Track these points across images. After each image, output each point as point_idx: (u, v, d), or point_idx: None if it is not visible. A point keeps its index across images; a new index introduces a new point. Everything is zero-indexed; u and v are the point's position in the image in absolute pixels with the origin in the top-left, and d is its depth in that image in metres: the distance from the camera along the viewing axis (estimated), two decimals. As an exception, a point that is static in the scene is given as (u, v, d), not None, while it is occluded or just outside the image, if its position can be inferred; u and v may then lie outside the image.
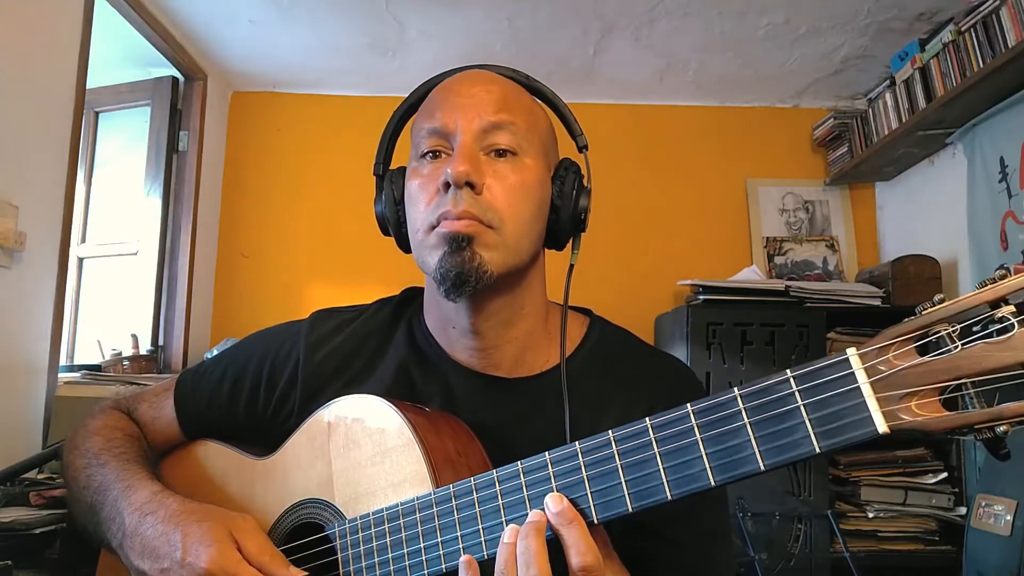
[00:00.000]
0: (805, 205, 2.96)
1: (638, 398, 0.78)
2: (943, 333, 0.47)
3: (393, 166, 0.85)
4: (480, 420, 0.76)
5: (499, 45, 2.56)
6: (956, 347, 0.46)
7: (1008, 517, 1.94)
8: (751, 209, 2.95)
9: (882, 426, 0.47)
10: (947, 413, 0.47)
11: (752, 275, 2.56)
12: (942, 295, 0.48)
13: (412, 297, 0.88)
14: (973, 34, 2.09)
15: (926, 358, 0.47)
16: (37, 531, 1.35)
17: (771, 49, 2.55)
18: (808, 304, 2.40)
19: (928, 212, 2.63)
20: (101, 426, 0.86)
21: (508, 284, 0.76)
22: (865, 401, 0.48)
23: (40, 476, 1.64)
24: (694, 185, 2.96)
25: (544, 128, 0.80)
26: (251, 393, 0.85)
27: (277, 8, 2.34)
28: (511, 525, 0.60)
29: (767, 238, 2.92)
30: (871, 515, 2.25)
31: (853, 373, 0.49)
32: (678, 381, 0.82)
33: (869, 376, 0.48)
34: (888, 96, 2.54)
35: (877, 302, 2.43)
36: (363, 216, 2.92)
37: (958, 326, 0.47)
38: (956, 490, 2.25)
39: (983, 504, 2.05)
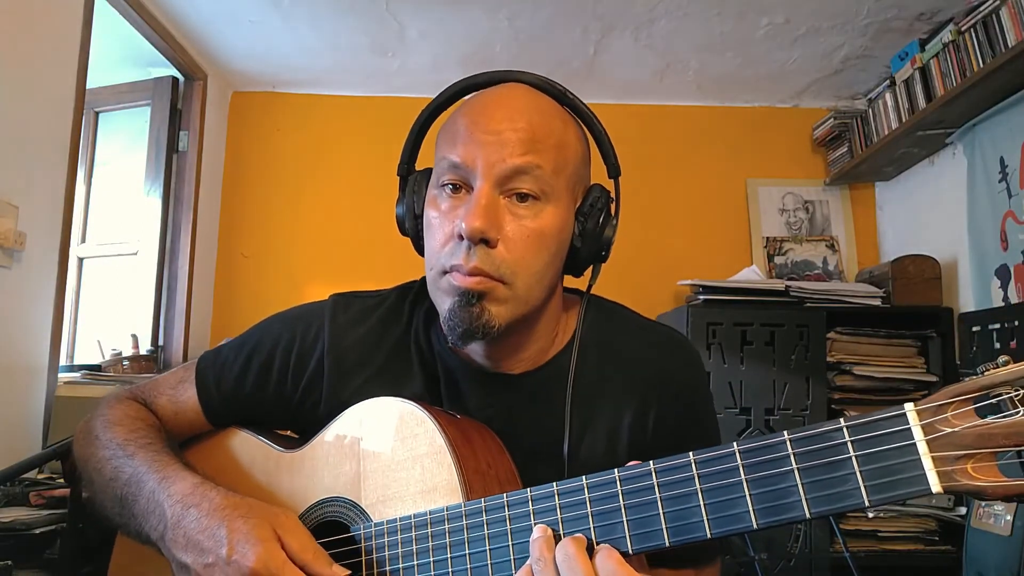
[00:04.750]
0: (805, 205, 2.96)
1: (634, 380, 0.79)
2: (1006, 397, 0.46)
3: (419, 163, 0.85)
4: (488, 415, 0.78)
5: (499, 45, 2.56)
6: (1018, 412, 0.45)
7: (1008, 517, 1.94)
8: (751, 209, 2.95)
9: (936, 486, 0.47)
10: (1005, 480, 0.45)
11: (752, 275, 2.56)
12: (1007, 357, 0.47)
13: None
14: (973, 34, 2.09)
15: (987, 421, 0.46)
16: (37, 531, 1.35)
17: (771, 49, 2.55)
18: (808, 304, 2.40)
19: (928, 212, 2.63)
20: (121, 416, 0.84)
21: (518, 324, 0.76)
22: (920, 459, 0.47)
23: (40, 476, 1.64)
24: (694, 185, 2.96)
25: (574, 160, 0.77)
26: (279, 381, 0.85)
27: (277, 8, 2.34)
28: (539, 525, 0.60)
29: (767, 238, 2.92)
30: (871, 515, 2.25)
31: (910, 429, 0.48)
32: (671, 355, 0.82)
33: (926, 434, 0.47)
34: (888, 96, 2.54)
35: (877, 302, 2.43)
36: (364, 215, 2.94)
37: (1022, 391, 0.45)
38: (956, 490, 2.24)
39: (983, 504, 2.05)
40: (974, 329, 2.24)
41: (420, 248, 0.80)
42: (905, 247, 2.65)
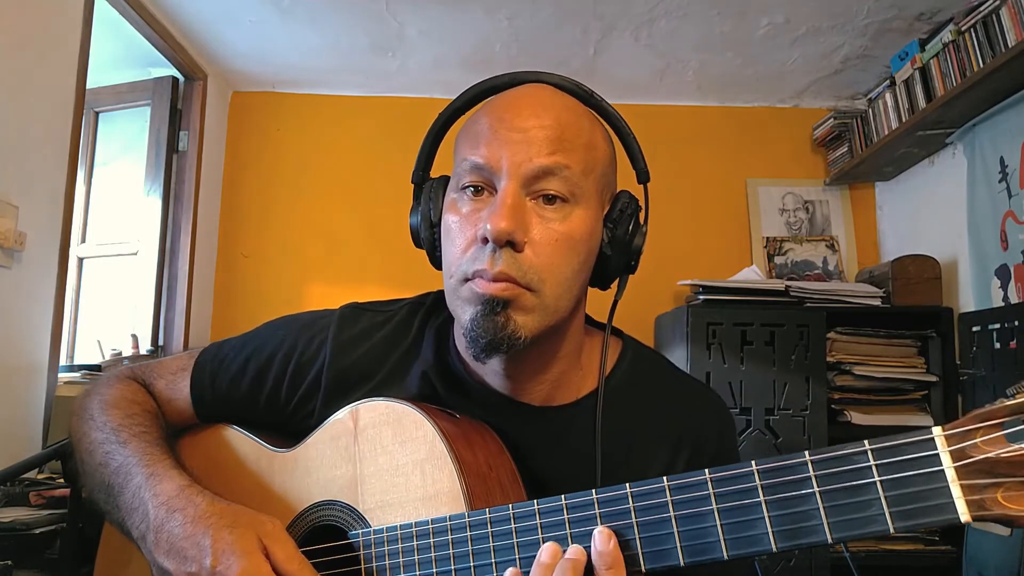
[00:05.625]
0: (805, 205, 2.96)
1: (667, 429, 0.76)
2: None
3: (434, 170, 0.81)
4: (507, 445, 0.74)
5: (499, 45, 2.56)
6: None
7: (1008, 517, 1.94)
8: (751, 209, 2.95)
9: (965, 515, 0.45)
10: None
11: (752, 275, 2.56)
12: None
13: (444, 302, 0.82)
14: (973, 34, 2.09)
15: (1018, 447, 0.44)
16: (37, 531, 1.35)
17: (771, 49, 2.55)
18: (808, 304, 2.40)
19: (928, 212, 2.63)
20: (119, 397, 0.83)
21: (544, 337, 0.71)
22: (948, 486, 0.45)
23: (40, 476, 1.64)
24: (694, 185, 2.96)
25: (602, 161, 0.73)
26: (274, 388, 0.83)
27: (277, 8, 2.34)
28: (551, 544, 0.58)
29: (767, 238, 2.92)
30: (871, 515, 2.24)
31: (938, 455, 0.46)
32: (708, 413, 0.80)
33: (954, 460, 0.46)
34: (888, 96, 2.54)
35: (877, 302, 2.43)
36: (364, 215, 2.94)
37: None
38: (956, 490, 2.24)
39: (983, 504, 2.05)
40: (974, 329, 2.24)
41: (435, 260, 0.76)
42: (905, 247, 2.65)
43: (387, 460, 0.70)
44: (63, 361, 2.04)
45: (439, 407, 0.74)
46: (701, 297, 2.37)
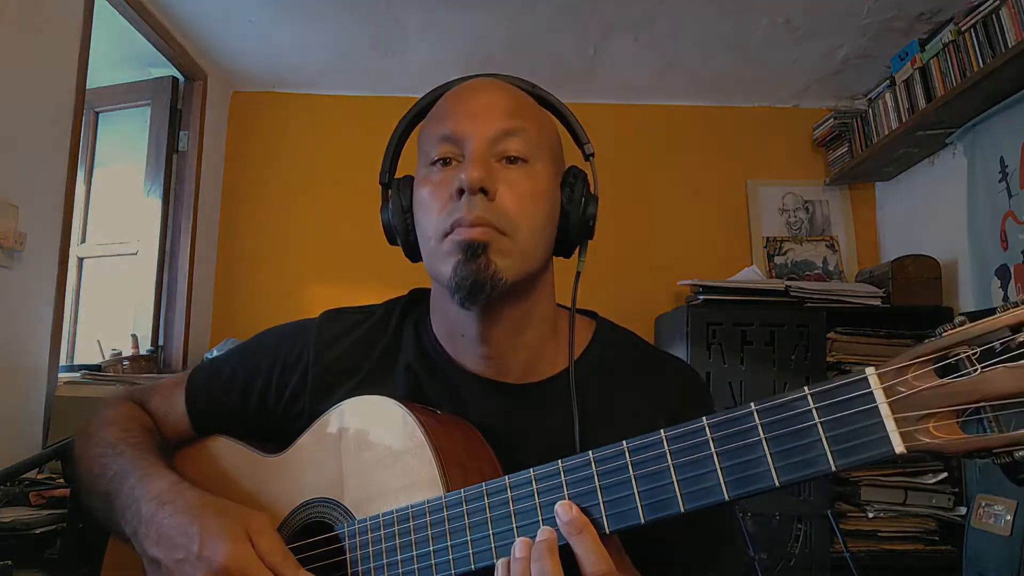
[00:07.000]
0: (805, 205, 2.96)
1: (643, 403, 0.79)
2: (963, 356, 0.47)
3: (398, 175, 0.84)
4: (488, 425, 0.76)
5: (499, 45, 2.56)
6: (976, 370, 0.46)
7: (1008, 517, 1.94)
8: (751, 209, 2.95)
9: (899, 446, 0.47)
10: (965, 436, 0.47)
11: (752, 275, 2.56)
12: (963, 317, 0.48)
13: (420, 298, 0.88)
14: (973, 34, 2.09)
15: (945, 380, 0.47)
16: (37, 531, 1.35)
17: (771, 49, 2.55)
18: (808, 304, 2.40)
19: (928, 212, 2.63)
20: (116, 416, 0.86)
21: (520, 291, 0.76)
22: (883, 421, 0.48)
23: (40, 476, 1.64)
24: (694, 185, 2.96)
25: (553, 136, 0.81)
26: (262, 393, 0.86)
27: (277, 8, 2.34)
28: (522, 539, 0.60)
29: (767, 238, 2.92)
30: (871, 515, 2.25)
31: (872, 393, 0.49)
32: (683, 385, 0.82)
33: (887, 396, 0.48)
34: (888, 96, 2.54)
35: (877, 302, 2.43)
36: (363, 216, 2.93)
37: (978, 349, 0.46)
38: (956, 490, 2.25)
39: (983, 504, 2.05)
40: (974, 329, 2.24)
41: (410, 248, 0.80)
42: (905, 247, 2.65)
43: (370, 454, 0.73)
44: (63, 361, 2.04)
45: (422, 405, 0.76)
46: (701, 297, 2.37)
